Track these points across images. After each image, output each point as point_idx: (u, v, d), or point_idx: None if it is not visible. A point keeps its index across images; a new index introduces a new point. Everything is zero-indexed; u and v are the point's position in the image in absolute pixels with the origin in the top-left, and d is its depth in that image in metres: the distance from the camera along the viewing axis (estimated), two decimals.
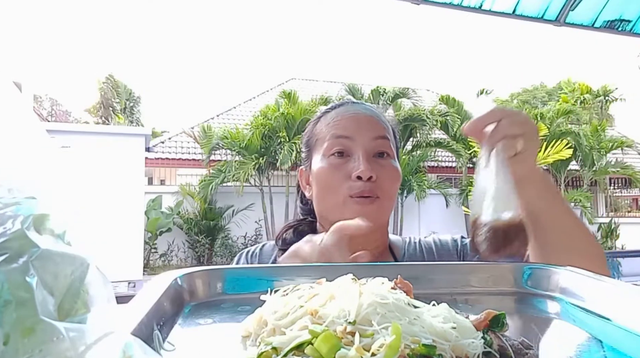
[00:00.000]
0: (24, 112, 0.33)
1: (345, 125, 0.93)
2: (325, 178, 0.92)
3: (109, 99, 23.89)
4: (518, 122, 0.71)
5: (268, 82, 41.06)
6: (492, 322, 0.44)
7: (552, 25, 3.60)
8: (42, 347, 0.21)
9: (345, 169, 0.90)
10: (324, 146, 0.93)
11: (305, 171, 1.01)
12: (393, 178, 0.93)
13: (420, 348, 0.35)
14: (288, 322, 0.41)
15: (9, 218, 0.24)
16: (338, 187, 0.89)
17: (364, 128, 0.93)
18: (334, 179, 0.90)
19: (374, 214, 0.88)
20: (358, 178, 0.88)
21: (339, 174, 0.90)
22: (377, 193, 0.89)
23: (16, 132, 0.32)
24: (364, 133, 0.92)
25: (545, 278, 0.62)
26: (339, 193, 0.89)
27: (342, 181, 0.89)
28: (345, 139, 0.92)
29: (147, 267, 10.87)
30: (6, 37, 28.57)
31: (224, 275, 0.60)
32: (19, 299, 0.21)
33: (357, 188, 0.88)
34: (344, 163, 0.91)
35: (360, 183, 0.88)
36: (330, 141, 0.92)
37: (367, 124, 0.94)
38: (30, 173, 0.31)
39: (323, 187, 0.93)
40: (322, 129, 0.97)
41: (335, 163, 0.91)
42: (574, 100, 20.65)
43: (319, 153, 0.94)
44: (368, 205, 0.88)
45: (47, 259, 0.23)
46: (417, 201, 12.60)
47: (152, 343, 0.41)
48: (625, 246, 14.94)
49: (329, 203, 0.91)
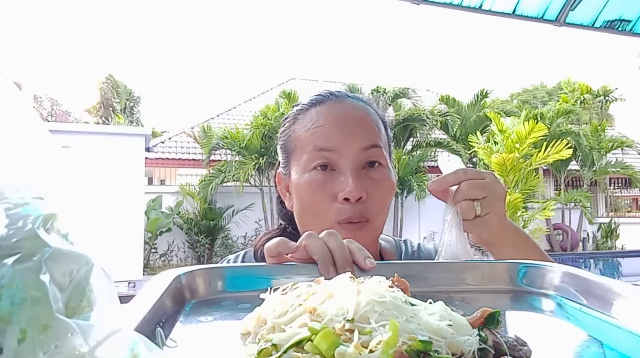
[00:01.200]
0: (26, 112, 0.34)
1: (329, 134, 0.80)
2: (308, 197, 0.80)
3: (109, 99, 23.87)
4: (478, 187, 0.70)
5: (268, 82, 41.02)
6: (487, 319, 0.44)
7: (552, 25, 3.60)
8: (57, 342, 0.22)
9: (330, 188, 0.79)
10: (304, 157, 0.81)
11: (284, 177, 0.89)
12: (385, 194, 0.82)
13: (416, 344, 0.36)
14: (287, 320, 0.42)
15: (19, 218, 0.24)
16: (323, 210, 0.79)
17: (351, 137, 0.80)
18: (317, 201, 0.79)
19: (363, 238, 0.76)
20: (345, 199, 0.77)
21: (323, 195, 0.79)
22: (366, 216, 0.79)
23: (19, 131, 0.33)
24: (352, 144, 0.79)
25: (540, 276, 0.63)
26: (325, 217, 0.78)
27: (328, 202, 0.79)
28: (330, 153, 0.79)
29: (147, 267, 10.86)
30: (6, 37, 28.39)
31: (225, 273, 0.61)
32: (33, 297, 0.22)
33: (345, 214, 0.77)
34: (329, 180, 0.79)
35: (348, 206, 0.77)
36: (312, 154, 0.80)
37: (356, 131, 0.81)
38: (35, 173, 0.32)
39: (305, 207, 0.82)
40: (300, 134, 0.84)
41: (318, 180, 0.79)
42: (574, 100, 20.62)
43: (298, 163, 0.83)
44: (358, 231, 0.78)
45: (57, 258, 0.24)
46: (417, 201, 12.58)
47: (155, 340, 0.42)
48: (625, 246, 14.93)
49: (313, 226, 0.76)
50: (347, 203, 0.78)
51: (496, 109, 12.00)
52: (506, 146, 8.01)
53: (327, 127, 0.81)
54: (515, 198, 7.49)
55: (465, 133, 12.15)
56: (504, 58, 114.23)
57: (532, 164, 7.99)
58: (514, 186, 7.91)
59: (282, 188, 0.90)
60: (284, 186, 0.89)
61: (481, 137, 9.19)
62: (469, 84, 63.16)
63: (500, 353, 0.40)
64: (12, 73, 11.45)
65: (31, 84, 25.93)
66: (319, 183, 0.79)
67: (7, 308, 0.22)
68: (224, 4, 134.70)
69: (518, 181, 7.93)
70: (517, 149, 7.85)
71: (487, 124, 11.36)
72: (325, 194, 0.79)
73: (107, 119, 23.06)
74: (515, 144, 7.88)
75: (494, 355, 0.40)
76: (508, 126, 8.39)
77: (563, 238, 14.45)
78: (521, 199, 7.60)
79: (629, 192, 19.16)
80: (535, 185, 8.20)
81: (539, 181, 8.89)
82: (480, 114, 12.85)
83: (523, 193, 7.80)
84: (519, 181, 7.94)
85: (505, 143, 8.08)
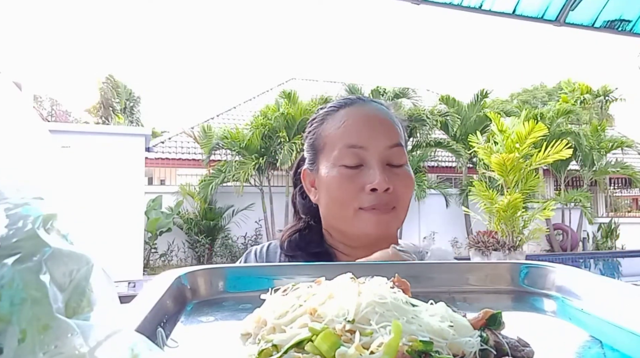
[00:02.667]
0: (26, 112, 0.33)
1: (359, 133, 0.88)
2: (337, 189, 0.87)
3: (109, 99, 23.87)
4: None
5: (268, 82, 41.03)
6: (489, 320, 0.44)
7: (552, 25, 3.61)
8: (57, 342, 0.22)
9: (358, 181, 0.85)
10: (334, 153, 0.88)
11: (311, 173, 0.96)
12: (409, 187, 0.89)
13: (417, 345, 0.36)
14: (288, 321, 0.42)
15: (19, 218, 0.24)
16: (350, 199, 0.86)
17: (378, 136, 0.88)
18: (346, 191, 0.86)
19: (390, 224, 0.86)
20: (372, 190, 0.84)
21: (351, 186, 0.86)
22: (393, 204, 0.86)
23: (19, 131, 0.33)
24: (379, 142, 0.87)
25: (541, 276, 0.63)
26: (350, 206, 0.86)
27: (355, 193, 0.85)
28: (359, 149, 0.86)
29: (147, 267, 10.86)
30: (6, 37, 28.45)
31: (226, 273, 0.61)
32: (33, 297, 0.22)
33: (370, 201, 0.84)
34: (357, 174, 0.86)
35: (374, 195, 0.84)
36: (342, 150, 0.87)
37: (382, 131, 0.89)
38: (35, 173, 0.32)
39: (333, 198, 0.88)
40: (330, 132, 0.91)
41: (347, 174, 0.86)
42: (574, 100, 20.64)
43: (327, 159, 0.89)
44: (384, 215, 0.85)
45: (57, 258, 0.24)
46: (417, 201, 12.59)
47: (156, 340, 0.42)
48: (625, 246, 14.94)
49: (339, 214, 0.88)
50: (374, 193, 0.84)
51: (496, 109, 11.99)
52: (506, 146, 8.01)
53: (356, 126, 0.88)
54: (515, 198, 7.49)
55: (465, 133, 12.15)
56: (504, 58, 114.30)
57: (532, 164, 7.99)
58: (514, 186, 7.91)
59: (307, 184, 0.97)
60: (309, 182, 0.96)
61: (481, 137, 9.18)
62: (469, 84, 63.21)
63: (502, 353, 0.40)
64: (12, 73, 11.45)
65: (31, 84, 25.93)
66: (348, 176, 0.86)
67: (7, 308, 0.22)
68: (224, 4, 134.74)
69: (518, 181, 7.93)
70: (517, 149, 7.85)
71: (487, 124, 11.36)
72: (353, 186, 0.85)
73: (107, 119, 23.06)
74: (515, 144, 7.88)
75: (495, 355, 0.40)
76: (508, 126, 8.39)
77: (563, 238, 14.45)
78: (521, 199, 7.59)
79: (629, 192, 19.17)
80: (535, 185, 8.19)
81: (539, 181, 8.89)
82: (480, 114, 12.85)
83: (523, 193, 7.80)
84: (519, 181, 7.93)
85: (505, 143, 8.08)
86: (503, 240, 7.88)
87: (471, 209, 9.17)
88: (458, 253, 13.29)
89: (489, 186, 8.54)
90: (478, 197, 8.20)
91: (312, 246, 0.94)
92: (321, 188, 0.91)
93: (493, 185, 8.96)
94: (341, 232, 0.92)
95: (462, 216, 13.02)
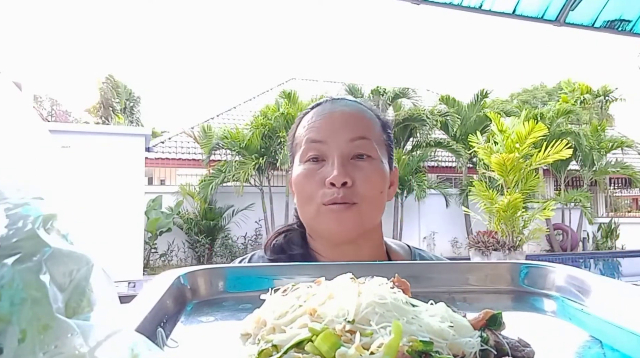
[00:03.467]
0: (26, 112, 0.33)
1: (319, 128, 0.88)
2: (301, 185, 0.87)
3: (109, 99, 23.86)
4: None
5: (268, 82, 41.01)
6: (489, 321, 0.44)
7: (552, 25, 3.60)
8: (57, 342, 0.22)
9: (319, 176, 0.85)
10: (300, 151, 0.89)
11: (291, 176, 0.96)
12: (372, 181, 0.86)
13: (417, 344, 0.36)
14: (287, 321, 0.42)
15: (19, 218, 0.24)
16: (313, 195, 0.85)
17: (338, 130, 0.87)
18: (308, 187, 0.86)
19: (351, 221, 0.84)
20: (332, 184, 0.83)
21: (313, 181, 0.86)
22: (352, 199, 0.84)
23: (19, 131, 0.33)
24: (339, 136, 0.86)
25: (541, 276, 0.63)
26: (313, 202, 0.85)
27: (316, 188, 0.85)
28: (319, 144, 0.87)
29: (147, 267, 10.86)
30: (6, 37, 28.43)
31: (226, 273, 0.61)
32: (33, 297, 0.22)
33: (330, 195, 0.83)
34: (319, 169, 0.86)
35: (334, 189, 0.83)
36: (305, 146, 0.88)
37: (343, 124, 0.88)
38: (35, 173, 0.32)
39: (300, 195, 0.89)
40: (300, 133, 0.92)
41: (309, 169, 0.87)
42: (574, 100, 20.64)
43: (297, 158, 0.91)
44: (344, 212, 0.83)
45: (57, 258, 0.24)
46: (417, 201, 12.59)
47: (156, 340, 0.42)
48: (625, 246, 14.94)
49: (306, 211, 0.88)
50: (333, 187, 0.83)
51: (496, 109, 11.99)
52: (506, 146, 8.01)
53: (319, 123, 0.89)
54: (515, 198, 7.50)
55: (465, 133, 12.15)
56: (504, 58, 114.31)
57: (532, 164, 7.99)
58: (514, 186, 7.91)
59: (290, 187, 0.97)
60: (289, 184, 0.96)
61: (481, 137, 9.18)
62: (469, 84, 63.20)
63: (502, 353, 0.40)
64: (12, 73, 11.45)
65: (31, 84, 25.92)
66: (310, 172, 0.86)
67: (7, 308, 0.22)
68: (224, 4, 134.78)
69: (518, 181, 7.93)
70: (517, 149, 7.85)
71: (487, 124, 11.36)
72: (314, 181, 0.85)
73: (107, 119, 23.05)
74: (515, 144, 7.89)
75: (495, 355, 0.40)
76: (508, 126, 8.39)
77: (563, 238, 14.45)
78: (521, 199, 7.60)
79: (629, 192, 19.17)
80: (535, 185, 8.20)
81: (539, 181, 8.90)
82: (480, 114, 12.85)
83: (523, 193, 7.80)
84: (519, 181, 7.94)
85: (505, 143, 8.08)
86: (503, 240, 7.89)
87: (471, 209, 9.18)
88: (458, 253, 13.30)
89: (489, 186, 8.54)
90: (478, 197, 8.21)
91: (293, 248, 0.93)
92: (294, 188, 0.91)
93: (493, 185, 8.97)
94: (312, 231, 0.92)
95: (462, 216, 13.02)
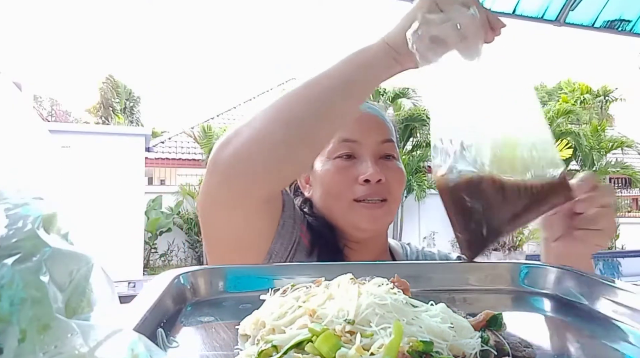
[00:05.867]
0: (26, 112, 0.34)
1: (352, 128, 0.91)
2: (332, 181, 0.90)
3: (109, 99, 23.86)
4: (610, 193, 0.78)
5: (268, 82, 40.98)
6: (489, 321, 0.44)
7: (552, 25, 3.60)
8: (57, 342, 0.22)
9: (352, 173, 0.88)
10: (329, 148, 0.91)
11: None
12: (400, 180, 0.92)
13: (417, 345, 0.36)
14: (287, 322, 0.42)
15: (19, 218, 0.24)
16: (344, 190, 0.88)
17: (371, 131, 0.92)
18: (340, 183, 0.89)
19: (382, 217, 0.88)
20: (365, 181, 0.87)
21: (345, 178, 0.88)
22: (385, 196, 0.88)
23: (19, 132, 0.33)
24: (371, 137, 0.91)
25: (541, 276, 0.63)
26: (344, 197, 0.88)
27: (348, 184, 0.88)
28: (352, 143, 0.90)
29: (147, 267, 10.86)
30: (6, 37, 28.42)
31: (225, 273, 0.61)
32: (33, 297, 0.22)
33: (363, 191, 0.87)
34: (351, 166, 0.89)
35: (367, 186, 0.87)
36: (336, 144, 0.90)
37: (374, 126, 0.93)
38: (35, 173, 0.32)
39: (327, 190, 0.91)
40: None
41: (342, 166, 0.89)
42: (574, 100, 20.63)
43: (322, 154, 0.92)
44: (377, 209, 0.87)
45: (57, 258, 0.24)
46: (417, 201, 12.59)
47: (156, 340, 0.42)
48: (625, 246, 14.93)
49: (335, 206, 0.90)
50: (366, 184, 0.87)
51: None
52: None
53: (350, 122, 0.90)
54: None
55: None
56: (503, 58, 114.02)
57: None
58: None
59: (302, 181, 0.99)
60: (304, 179, 0.99)
61: None
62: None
63: (503, 354, 0.40)
64: (12, 73, 11.46)
65: (31, 84, 25.97)
66: (342, 168, 0.89)
67: (7, 308, 0.22)
68: (224, 4, 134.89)
69: None
70: None
71: None
72: (347, 177, 0.88)
73: (107, 119, 23.05)
74: None
75: (496, 356, 0.40)
76: None
77: None
78: None
79: (629, 192, 19.16)
80: None
81: None
82: None
83: None
84: None
85: None
86: (503, 240, 7.89)
87: None
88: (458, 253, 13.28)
89: None
90: None
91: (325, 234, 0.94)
92: (316, 182, 0.93)
93: None
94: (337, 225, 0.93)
95: None
